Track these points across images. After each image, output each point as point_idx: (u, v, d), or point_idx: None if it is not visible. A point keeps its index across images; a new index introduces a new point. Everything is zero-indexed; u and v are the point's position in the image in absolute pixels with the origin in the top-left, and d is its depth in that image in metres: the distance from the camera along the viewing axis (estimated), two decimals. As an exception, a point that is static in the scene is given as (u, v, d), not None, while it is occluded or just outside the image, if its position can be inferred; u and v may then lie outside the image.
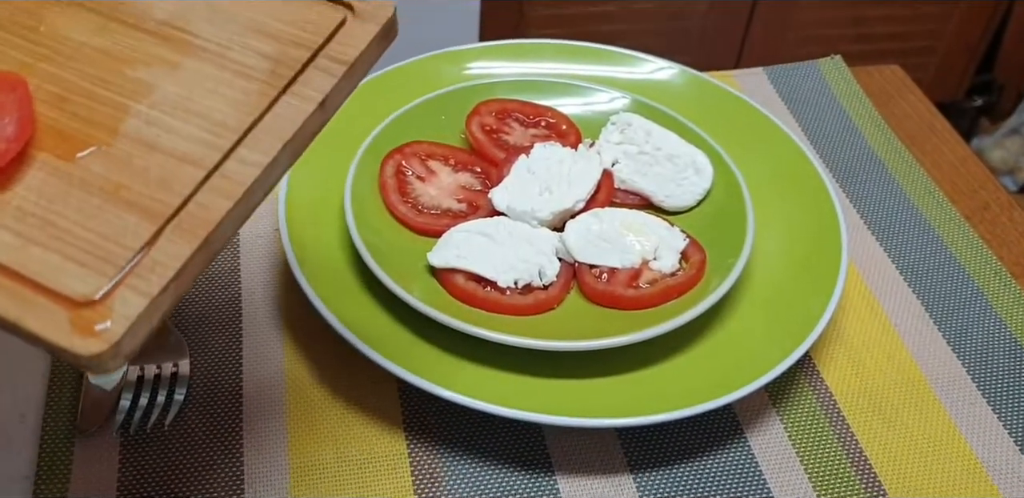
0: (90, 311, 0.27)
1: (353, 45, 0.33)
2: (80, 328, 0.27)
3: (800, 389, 0.51)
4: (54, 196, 0.29)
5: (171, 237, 0.29)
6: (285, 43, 0.32)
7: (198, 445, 0.47)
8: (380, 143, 0.54)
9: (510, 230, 0.50)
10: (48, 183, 0.30)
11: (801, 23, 1.51)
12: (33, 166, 0.30)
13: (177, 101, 0.31)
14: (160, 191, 0.29)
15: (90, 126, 0.31)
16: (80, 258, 0.28)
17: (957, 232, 0.59)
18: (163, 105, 0.31)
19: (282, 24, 0.33)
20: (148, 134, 0.31)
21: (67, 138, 0.31)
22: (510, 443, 0.48)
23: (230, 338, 0.51)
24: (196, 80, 0.32)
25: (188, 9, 0.33)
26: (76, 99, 0.31)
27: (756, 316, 0.50)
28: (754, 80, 0.70)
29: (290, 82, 0.32)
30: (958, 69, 1.63)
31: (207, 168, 0.30)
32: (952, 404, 0.50)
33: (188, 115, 0.31)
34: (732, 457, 0.47)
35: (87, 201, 0.29)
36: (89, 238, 0.29)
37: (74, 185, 0.30)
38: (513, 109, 0.58)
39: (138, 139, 0.31)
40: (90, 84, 0.32)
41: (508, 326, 0.47)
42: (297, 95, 0.32)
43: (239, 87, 0.32)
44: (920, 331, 0.54)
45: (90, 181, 0.30)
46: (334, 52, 0.32)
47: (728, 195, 0.54)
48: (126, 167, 0.30)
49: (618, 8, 1.44)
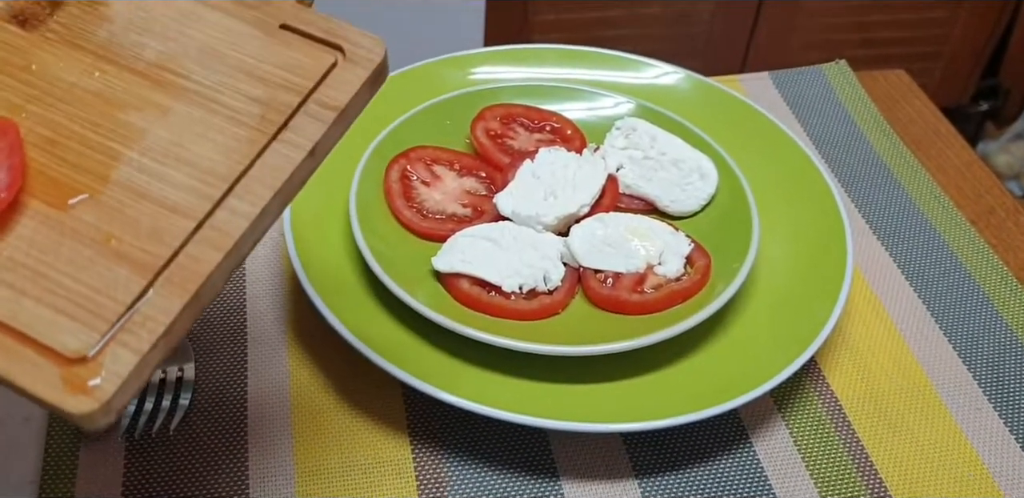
0: (81, 368, 0.27)
1: (343, 90, 0.32)
2: (71, 385, 0.27)
3: (805, 394, 0.51)
4: (46, 246, 0.29)
5: (161, 291, 0.29)
6: (275, 87, 0.32)
7: (203, 450, 0.47)
8: (385, 148, 0.54)
9: (515, 235, 0.50)
10: (40, 232, 0.30)
11: (806, 28, 1.51)
12: (25, 214, 0.30)
13: (167, 147, 0.31)
14: (150, 242, 0.29)
15: (81, 172, 0.31)
16: (72, 312, 0.28)
17: (962, 237, 0.59)
18: (154, 151, 0.31)
19: (272, 67, 0.33)
20: (139, 182, 0.30)
21: (58, 185, 0.30)
22: (515, 448, 0.47)
23: (235, 343, 0.51)
24: (186, 125, 0.32)
25: (179, 50, 0.33)
26: (67, 143, 0.31)
27: (761, 321, 0.50)
28: (759, 85, 0.70)
29: (280, 128, 0.32)
30: (963, 74, 1.63)
31: (197, 219, 0.30)
32: (958, 409, 0.50)
33: (178, 162, 0.31)
34: (737, 462, 0.47)
35: (79, 252, 0.29)
36: (81, 291, 0.29)
37: (66, 235, 0.30)
38: (518, 114, 0.58)
39: (129, 187, 0.30)
40: (81, 128, 0.32)
41: (513, 331, 0.47)
42: (287, 142, 0.31)
43: (229, 133, 0.31)
44: (926, 336, 0.54)
45: (81, 231, 0.30)
46: (324, 97, 0.32)
47: (733, 200, 0.54)
48: (117, 217, 0.30)
49: (623, 13, 1.45)
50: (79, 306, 0.28)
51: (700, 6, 1.46)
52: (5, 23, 0.33)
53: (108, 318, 0.28)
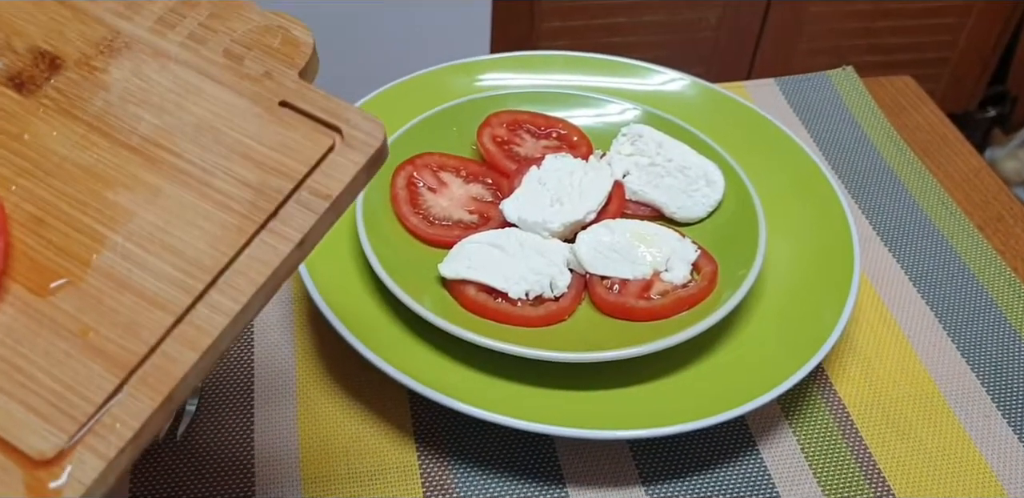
0: (45, 472, 0.27)
1: (338, 178, 0.31)
2: (34, 490, 0.26)
3: (813, 401, 0.50)
4: (23, 336, 0.28)
5: (134, 392, 0.28)
6: (268, 171, 0.31)
7: (209, 456, 0.47)
8: (391, 154, 0.54)
9: (521, 241, 0.50)
10: (18, 320, 0.29)
11: (813, 34, 1.51)
12: (4, 300, 0.29)
13: (154, 232, 0.30)
14: (127, 337, 0.28)
15: (64, 256, 0.30)
16: (43, 410, 0.27)
17: (970, 243, 0.59)
18: (139, 236, 0.30)
19: (268, 149, 0.31)
20: (121, 270, 0.30)
21: (40, 268, 0.30)
22: (521, 454, 0.47)
23: (241, 349, 0.52)
24: (176, 209, 0.31)
25: (175, 125, 0.32)
26: (53, 223, 0.30)
27: (768, 328, 0.50)
28: (766, 91, 0.70)
29: (270, 217, 0.30)
30: (971, 80, 1.63)
31: (176, 314, 0.29)
32: (966, 416, 0.50)
33: (163, 250, 0.30)
34: (744, 469, 0.47)
35: (55, 344, 0.28)
36: (53, 387, 0.28)
37: (44, 325, 0.29)
38: (524, 120, 0.58)
39: (110, 275, 0.29)
40: (68, 207, 0.31)
41: (519, 337, 0.47)
42: (275, 233, 0.30)
43: (217, 220, 0.30)
44: (934, 343, 0.53)
45: (59, 321, 0.29)
46: (317, 184, 0.31)
47: (740, 206, 0.54)
48: (96, 307, 0.29)
49: (629, 20, 1.45)
50: (50, 404, 0.28)
51: (706, 13, 1.46)
52: (1, 86, 0.33)
53: (78, 418, 0.27)
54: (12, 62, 0.33)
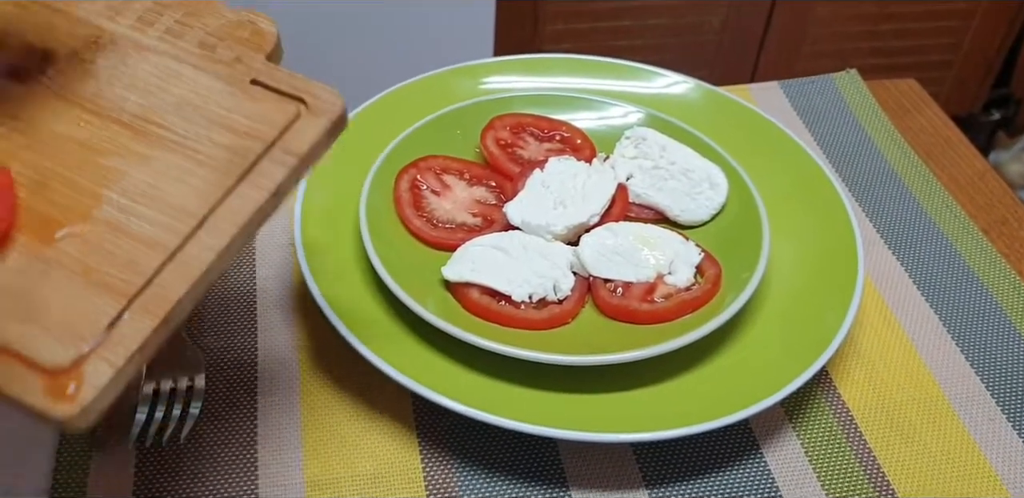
0: (64, 378, 0.31)
1: (304, 138, 0.36)
2: (54, 394, 0.30)
3: (817, 404, 0.50)
4: (32, 276, 0.33)
5: (135, 315, 0.32)
6: (243, 136, 0.36)
7: (213, 459, 0.47)
8: (395, 157, 0.54)
9: (525, 244, 0.50)
10: (28, 264, 0.33)
11: (816, 37, 1.51)
12: (15, 248, 0.33)
13: (145, 189, 0.35)
14: (126, 272, 0.33)
15: (66, 212, 0.34)
16: (54, 331, 0.32)
17: (975, 247, 0.59)
18: (132, 192, 0.34)
19: (242, 118, 0.36)
20: (118, 219, 0.34)
21: (46, 222, 0.34)
22: (524, 457, 0.47)
23: (245, 352, 0.52)
24: (163, 170, 0.35)
25: (159, 103, 0.37)
26: (54, 186, 0.35)
27: (772, 331, 0.50)
28: (769, 94, 0.70)
29: (246, 172, 0.35)
30: (975, 83, 1.63)
31: (168, 251, 0.33)
32: (971, 420, 0.50)
33: (154, 202, 0.34)
34: (748, 473, 0.47)
35: (61, 281, 0.33)
36: (62, 315, 0.32)
37: (51, 267, 0.33)
38: (528, 123, 0.58)
39: (109, 224, 0.34)
40: (67, 172, 0.35)
41: (522, 340, 0.47)
42: (252, 184, 0.35)
43: (201, 176, 0.35)
44: (938, 346, 0.53)
45: (65, 263, 0.33)
46: (287, 144, 0.35)
47: (743, 209, 0.54)
48: (97, 251, 0.33)
49: (633, 23, 1.45)
50: (62, 326, 0.32)
51: (710, 16, 1.46)
52: (2, 78, 0.37)
53: (87, 337, 0.31)
54: (9, 58, 0.38)
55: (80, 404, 0.30)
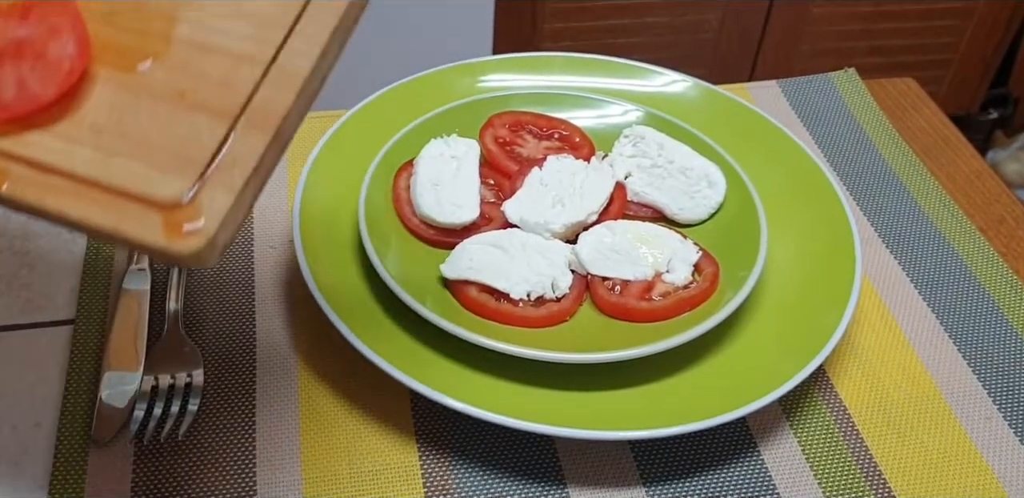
0: (182, 212, 0.29)
1: None
2: (175, 229, 0.29)
3: (814, 403, 0.50)
4: (124, 108, 0.30)
5: (243, 133, 0.30)
6: None
7: (211, 456, 0.47)
8: (394, 155, 0.54)
9: (523, 242, 0.50)
10: (116, 97, 0.31)
11: (815, 36, 1.51)
12: (98, 82, 0.31)
13: (222, 6, 0.32)
14: (223, 91, 0.30)
15: (143, 37, 0.32)
16: (162, 164, 0.30)
17: (972, 246, 0.59)
18: (209, 9, 0.32)
19: None
20: (200, 37, 0.31)
21: (124, 51, 0.31)
22: (522, 454, 0.47)
23: (244, 349, 0.52)
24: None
25: None
26: (124, 13, 0.32)
27: (769, 329, 0.50)
28: (768, 93, 0.70)
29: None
30: (973, 82, 1.63)
31: (264, 63, 0.31)
32: (967, 419, 0.50)
33: (235, 15, 0.32)
34: (745, 470, 0.47)
35: (156, 109, 0.30)
36: (167, 143, 0.30)
37: (141, 96, 0.31)
38: (527, 121, 0.58)
39: (192, 43, 0.31)
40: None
41: (520, 338, 0.47)
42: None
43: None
44: (935, 345, 0.53)
45: (155, 90, 0.31)
46: None
47: (741, 208, 0.54)
48: (186, 72, 0.31)
49: (632, 21, 1.45)
50: (169, 156, 0.30)
51: (709, 14, 1.46)
52: None
53: (198, 164, 0.29)
54: None
55: (206, 236, 0.28)
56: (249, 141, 0.30)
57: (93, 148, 0.30)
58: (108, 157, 0.30)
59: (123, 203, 0.29)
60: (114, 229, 0.29)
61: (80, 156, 0.30)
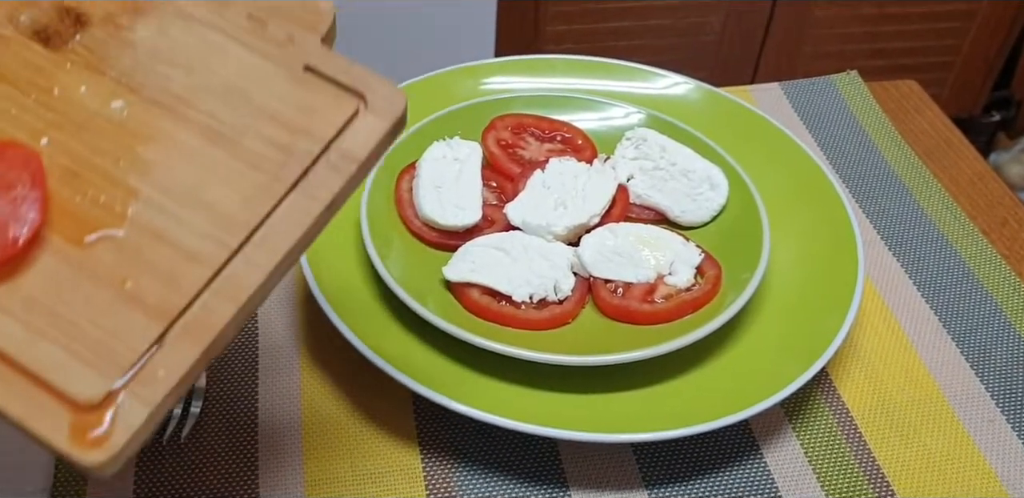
0: (92, 417, 0.27)
1: (364, 141, 0.31)
2: (81, 434, 0.27)
3: (816, 405, 0.50)
4: (63, 285, 0.29)
5: (176, 342, 0.28)
6: (296, 133, 0.31)
7: (214, 458, 0.47)
8: (396, 157, 0.54)
9: (525, 245, 0.50)
10: (59, 271, 0.29)
11: (817, 38, 1.51)
12: (45, 250, 0.29)
13: (188, 189, 0.30)
14: (167, 289, 0.29)
15: (100, 208, 0.30)
16: (86, 357, 0.28)
17: (975, 248, 0.59)
18: (174, 192, 0.30)
19: (295, 111, 0.32)
20: (158, 223, 0.30)
21: (77, 220, 0.30)
22: (524, 457, 0.47)
23: (246, 351, 0.52)
24: (208, 166, 0.31)
25: (204, 85, 0.32)
26: (87, 176, 0.31)
27: (772, 331, 0.50)
28: (770, 95, 0.70)
29: (300, 177, 0.31)
30: (975, 84, 1.63)
31: (214, 267, 0.29)
32: (970, 421, 0.50)
33: (198, 206, 0.30)
34: (748, 473, 0.47)
35: (95, 294, 0.29)
36: (96, 335, 0.28)
37: (84, 274, 0.29)
38: (529, 124, 0.58)
39: (148, 228, 0.30)
40: (101, 160, 0.31)
41: (523, 340, 0.47)
42: (306, 194, 0.31)
43: (249, 179, 0.31)
44: (938, 347, 0.53)
45: (99, 272, 0.29)
46: (345, 147, 0.31)
47: (744, 210, 0.54)
48: (135, 259, 0.29)
49: (634, 24, 1.45)
50: (95, 351, 0.28)
51: (711, 17, 1.46)
52: (29, 40, 0.32)
53: (122, 366, 0.28)
54: (37, 17, 0.33)
55: (110, 450, 0.27)
56: (179, 351, 0.28)
57: (21, 324, 0.28)
58: (33, 337, 0.28)
59: (35, 391, 0.28)
60: (19, 419, 0.27)
61: (5, 329, 0.28)
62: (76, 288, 0.29)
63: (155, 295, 0.29)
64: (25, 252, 0.29)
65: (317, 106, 0.32)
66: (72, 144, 0.31)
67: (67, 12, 0.33)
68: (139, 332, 0.28)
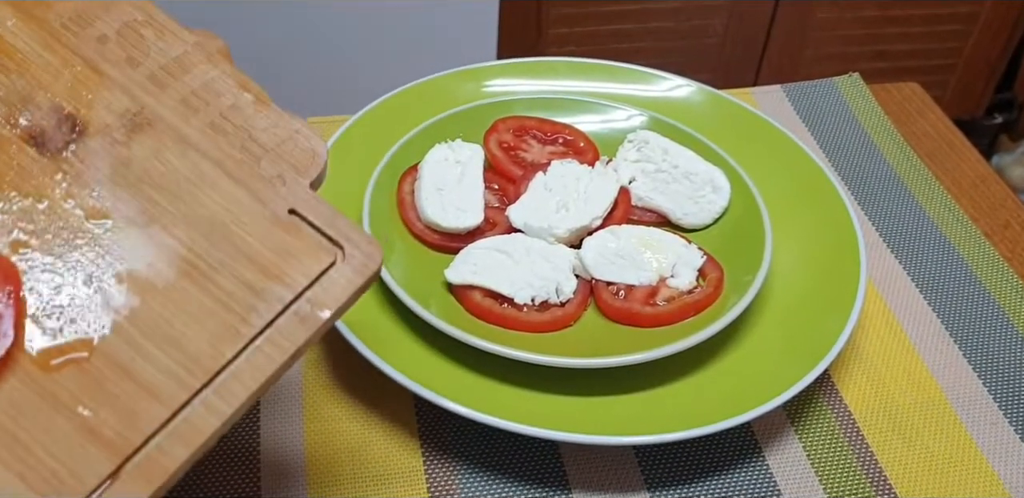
0: None
1: (336, 296, 0.32)
2: None
3: (819, 407, 0.50)
4: (26, 410, 0.29)
5: (127, 479, 0.29)
6: (271, 278, 0.32)
7: (216, 460, 0.47)
8: (398, 159, 0.54)
9: (527, 247, 0.50)
10: (23, 394, 0.29)
11: (819, 41, 1.51)
12: (12, 370, 0.29)
13: (157, 322, 0.31)
14: (124, 425, 0.29)
15: (72, 331, 0.30)
16: (39, 487, 0.28)
17: (977, 250, 0.59)
18: (143, 324, 0.31)
19: (273, 255, 0.32)
20: (124, 356, 0.30)
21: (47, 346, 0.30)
22: (526, 459, 0.47)
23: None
24: (180, 301, 0.31)
25: (187, 215, 0.32)
26: (60, 298, 0.31)
27: (774, 334, 0.50)
28: (772, 97, 0.70)
29: (268, 324, 0.31)
30: (978, 87, 1.63)
31: (173, 408, 0.30)
32: (972, 423, 0.50)
33: (165, 342, 0.30)
34: (750, 475, 0.47)
35: (56, 422, 0.29)
36: (51, 466, 0.28)
37: (46, 400, 0.29)
38: (531, 126, 0.58)
39: (113, 359, 0.30)
40: (79, 281, 0.31)
41: (525, 343, 0.47)
42: (272, 342, 0.31)
43: (219, 319, 0.31)
44: (940, 349, 0.53)
45: (62, 399, 0.29)
46: (316, 299, 0.32)
47: (746, 212, 0.54)
48: (97, 389, 0.30)
49: (636, 26, 1.45)
50: (48, 483, 0.28)
51: (713, 19, 1.46)
52: (23, 142, 0.32)
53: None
54: (35, 121, 0.33)
55: None
56: (129, 489, 0.28)
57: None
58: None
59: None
60: None
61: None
62: (37, 414, 0.29)
63: (112, 430, 0.29)
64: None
65: (295, 252, 0.32)
66: (50, 260, 0.31)
67: (66, 118, 0.33)
68: (93, 467, 0.29)
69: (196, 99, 0.34)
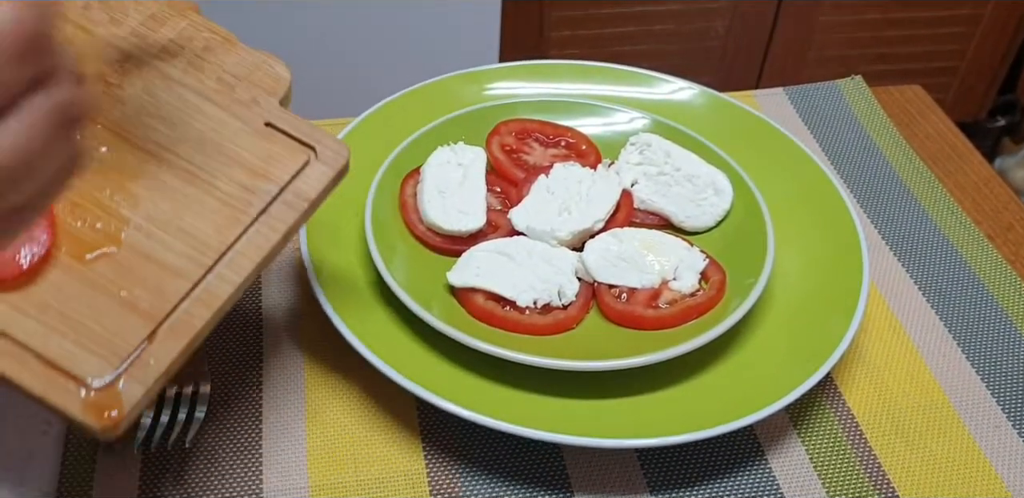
0: (100, 394, 0.34)
1: (314, 185, 0.39)
2: (92, 407, 0.34)
3: (821, 410, 0.50)
4: (71, 293, 0.36)
5: (163, 338, 0.36)
6: (259, 177, 0.39)
7: (218, 463, 0.47)
8: (401, 163, 0.55)
9: (530, 250, 0.50)
10: (65, 281, 0.36)
11: (821, 43, 1.51)
12: (54, 265, 0.36)
13: (170, 218, 0.38)
14: (155, 297, 0.36)
15: (98, 233, 0.37)
16: (92, 348, 0.35)
17: (980, 253, 0.59)
18: (158, 220, 0.37)
19: (258, 159, 0.39)
20: (146, 246, 0.37)
21: (79, 241, 0.37)
22: (529, 463, 0.47)
23: (250, 357, 0.52)
24: (186, 202, 0.38)
25: (183, 136, 0.39)
26: (86, 206, 0.37)
27: (777, 337, 0.50)
28: (774, 100, 0.70)
29: (261, 212, 0.38)
30: (980, 89, 1.62)
31: (192, 281, 0.37)
32: (976, 427, 0.50)
33: (178, 232, 0.37)
34: (752, 479, 0.47)
35: (96, 300, 0.36)
36: (99, 332, 0.35)
37: (86, 284, 0.36)
38: (533, 129, 0.58)
39: (138, 249, 0.37)
40: (99, 194, 0.38)
41: (527, 346, 0.47)
42: (266, 225, 0.38)
43: (221, 213, 0.38)
44: (943, 352, 0.53)
45: (99, 283, 0.36)
46: (298, 189, 0.39)
47: (748, 215, 0.54)
48: (128, 274, 0.36)
49: (638, 29, 1.45)
50: (99, 344, 0.35)
51: (715, 22, 1.46)
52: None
53: (121, 355, 0.35)
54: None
55: (116, 419, 0.34)
56: (167, 345, 0.35)
57: (38, 322, 0.35)
58: (48, 331, 0.35)
59: (53, 374, 0.34)
60: (42, 395, 0.34)
61: (23, 326, 0.35)
62: (81, 295, 0.36)
63: (146, 302, 0.36)
64: (39, 267, 0.36)
65: (276, 156, 0.39)
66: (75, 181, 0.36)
67: None
68: (134, 331, 0.35)
69: (173, 45, 0.41)
